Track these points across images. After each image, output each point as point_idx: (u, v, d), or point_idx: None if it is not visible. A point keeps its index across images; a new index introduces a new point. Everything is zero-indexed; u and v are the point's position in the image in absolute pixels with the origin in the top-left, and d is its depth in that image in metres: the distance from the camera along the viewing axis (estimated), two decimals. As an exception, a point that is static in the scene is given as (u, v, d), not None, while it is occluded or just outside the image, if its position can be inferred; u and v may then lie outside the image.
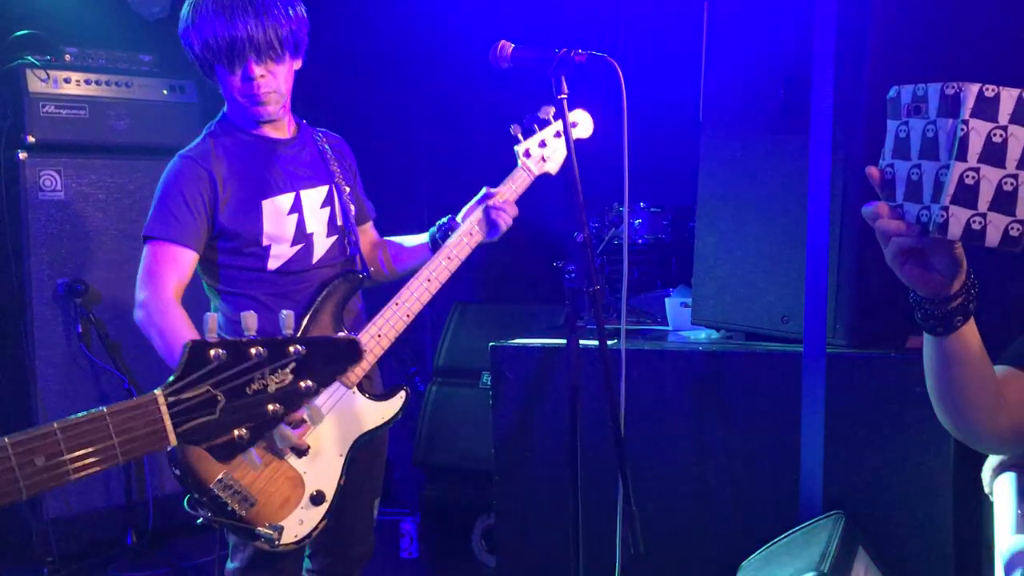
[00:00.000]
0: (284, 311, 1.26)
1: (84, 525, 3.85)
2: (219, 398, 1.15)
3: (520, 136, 2.47)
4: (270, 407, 1.18)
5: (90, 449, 1.10)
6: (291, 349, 1.18)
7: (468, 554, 3.81)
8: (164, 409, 1.13)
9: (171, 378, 1.15)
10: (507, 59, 2.31)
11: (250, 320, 1.22)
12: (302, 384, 1.19)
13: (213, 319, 1.22)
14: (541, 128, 2.48)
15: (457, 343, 3.94)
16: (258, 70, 2.20)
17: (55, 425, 1.09)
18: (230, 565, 2.31)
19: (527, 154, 2.48)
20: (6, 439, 1.07)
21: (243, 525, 2.11)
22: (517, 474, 2.77)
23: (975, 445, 1.46)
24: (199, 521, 2.12)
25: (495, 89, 3.19)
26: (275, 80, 2.24)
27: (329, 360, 1.21)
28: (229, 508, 2.09)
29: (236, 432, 1.17)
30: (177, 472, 2.09)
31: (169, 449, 2.01)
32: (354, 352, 1.23)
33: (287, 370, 1.18)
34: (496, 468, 2.79)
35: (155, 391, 1.15)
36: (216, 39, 2.16)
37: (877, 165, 1.23)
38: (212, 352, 1.15)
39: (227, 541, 2.33)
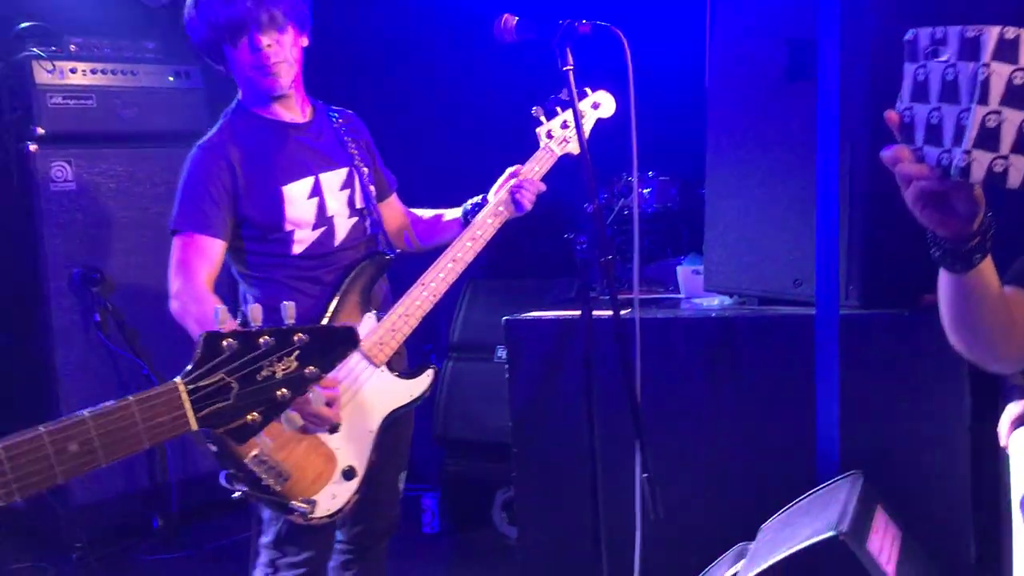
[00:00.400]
0: (285, 302, 1.34)
1: (110, 510, 3.90)
2: (233, 385, 1.24)
3: (542, 118, 2.50)
4: (278, 392, 1.27)
5: (119, 435, 1.17)
6: (295, 338, 1.27)
7: (490, 526, 3.85)
8: (185, 396, 1.21)
9: (189, 367, 1.23)
10: (511, 32, 2.32)
11: (255, 312, 1.31)
12: (307, 370, 1.28)
13: (224, 312, 1.31)
14: (564, 109, 2.48)
15: (471, 319, 3.96)
16: (264, 39, 2.22)
17: (86, 413, 1.16)
18: (263, 539, 2.36)
19: (549, 135, 2.50)
20: (42, 428, 1.13)
21: (277, 499, 2.16)
22: (535, 445, 2.79)
23: (987, 367, 1.48)
24: (235, 495, 2.17)
25: (511, 70, 3.20)
26: (282, 50, 2.26)
27: (330, 347, 1.30)
28: (264, 483, 2.13)
29: (249, 416, 1.25)
30: (214, 448, 2.14)
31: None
32: (352, 339, 1.33)
33: (292, 357, 1.27)
34: (514, 440, 2.82)
35: (176, 380, 1.23)
36: (218, 17, 2.21)
37: (894, 108, 1.22)
38: (225, 342, 1.24)
39: (260, 516, 2.38)
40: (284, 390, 1.26)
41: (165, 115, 4.08)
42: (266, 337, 1.25)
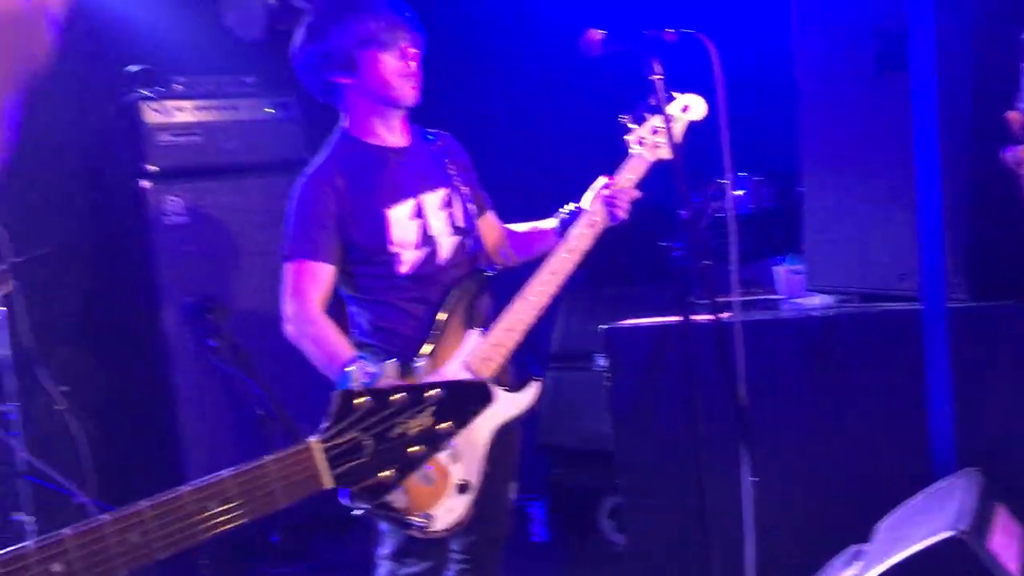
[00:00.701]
0: (418, 360, 1.33)
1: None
2: (367, 443, 1.23)
3: (632, 125, 2.49)
4: (413, 449, 1.26)
5: (257, 494, 1.18)
6: (429, 394, 1.26)
7: (597, 534, 3.85)
8: (321, 455, 1.22)
9: (324, 425, 1.24)
10: (597, 46, 2.35)
11: (390, 369, 1.30)
12: (441, 427, 1.26)
13: (358, 370, 1.31)
14: (653, 115, 2.47)
15: (569, 328, 3.99)
16: (412, 50, 2.35)
17: (226, 474, 1.18)
18: (383, 551, 2.43)
19: (640, 142, 2.49)
20: (184, 488, 1.16)
21: (397, 515, 2.23)
22: (640, 452, 2.80)
23: None
24: (356, 512, 2.23)
25: (598, 79, 3.21)
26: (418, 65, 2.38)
27: (463, 402, 1.28)
28: (384, 500, 2.20)
29: (384, 474, 1.25)
30: None
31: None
32: (485, 394, 1.31)
33: (427, 414, 1.26)
34: (618, 447, 2.83)
35: (311, 440, 1.23)
36: (382, 17, 2.33)
37: (1015, 109, 1.21)
38: (359, 401, 1.24)
39: (379, 529, 2.44)
40: (419, 447, 1.25)
41: (265, 146, 4.22)
42: (400, 395, 1.24)
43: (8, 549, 1.02)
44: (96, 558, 1.09)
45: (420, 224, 2.41)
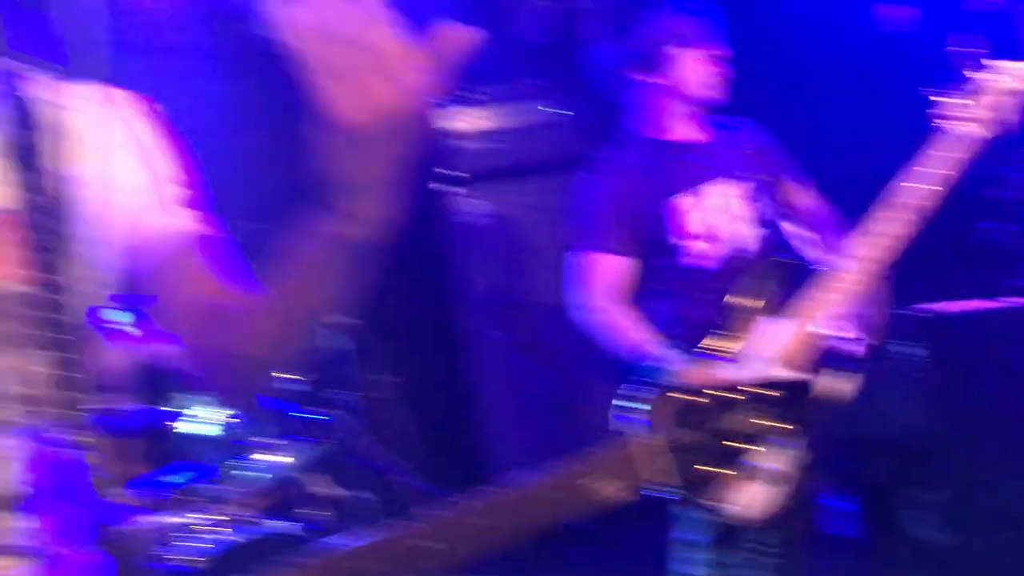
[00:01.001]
0: (722, 354, 1.33)
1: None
2: (686, 438, 1.23)
3: (941, 102, 2.34)
4: (732, 445, 1.24)
5: (577, 495, 1.19)
6: (749, 390, 1.24)
7: (908, 531, 3.66)
8: (641, 451, 1.22)
9: (639, 419, 1.24)
10: (903, 21, 2.23)
11: (702, 363, 1.32)
12: (762, 423, 1.24)
13: (670, 356, 1.32)
14: (966, 90, 2.31)
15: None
16: (718, 49, 2.40)
17: (550, 471, 1.19)
18: (686, 537, 2.46)
19: (951, 119, 2.33)
20: (522, 482, 1.18)
21: (705, 505, 2.25)
22: (960, 445, 2.65)
23: None
24: (659, 497, 2.27)
25: (898, 57, 3.06)
26: None
27: (784, 399, 1.26)
28: (699, 495, 2.22)
29: (702, 470, 1.25)
30: None
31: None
32: (805, 391, 1.29)
33: (746, 409, 1.24)
34: (937, 440, 2.69)
35: (630, 434, 1.24)
36: (690, 16, 2.39)
37: None
38: (686, 398, 1.25)
39: (683, 516, 2.46)
40: (738, 443, 1.23)
41: (554, 145, 4.38)
42: (719, 390, 1.24)
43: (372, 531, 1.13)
44: (459, 537, 1.15)
45: (714, 216, 2.41)
